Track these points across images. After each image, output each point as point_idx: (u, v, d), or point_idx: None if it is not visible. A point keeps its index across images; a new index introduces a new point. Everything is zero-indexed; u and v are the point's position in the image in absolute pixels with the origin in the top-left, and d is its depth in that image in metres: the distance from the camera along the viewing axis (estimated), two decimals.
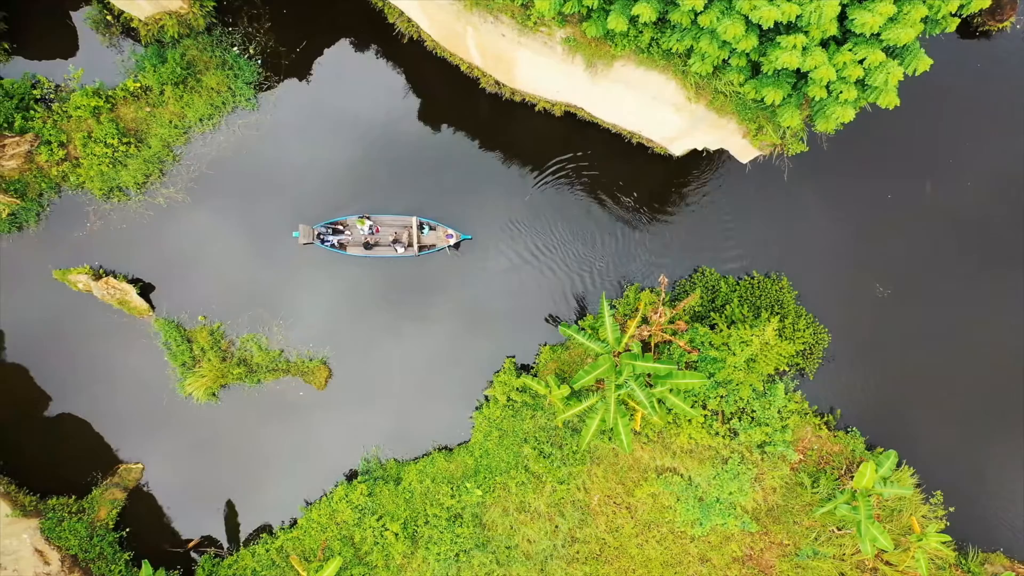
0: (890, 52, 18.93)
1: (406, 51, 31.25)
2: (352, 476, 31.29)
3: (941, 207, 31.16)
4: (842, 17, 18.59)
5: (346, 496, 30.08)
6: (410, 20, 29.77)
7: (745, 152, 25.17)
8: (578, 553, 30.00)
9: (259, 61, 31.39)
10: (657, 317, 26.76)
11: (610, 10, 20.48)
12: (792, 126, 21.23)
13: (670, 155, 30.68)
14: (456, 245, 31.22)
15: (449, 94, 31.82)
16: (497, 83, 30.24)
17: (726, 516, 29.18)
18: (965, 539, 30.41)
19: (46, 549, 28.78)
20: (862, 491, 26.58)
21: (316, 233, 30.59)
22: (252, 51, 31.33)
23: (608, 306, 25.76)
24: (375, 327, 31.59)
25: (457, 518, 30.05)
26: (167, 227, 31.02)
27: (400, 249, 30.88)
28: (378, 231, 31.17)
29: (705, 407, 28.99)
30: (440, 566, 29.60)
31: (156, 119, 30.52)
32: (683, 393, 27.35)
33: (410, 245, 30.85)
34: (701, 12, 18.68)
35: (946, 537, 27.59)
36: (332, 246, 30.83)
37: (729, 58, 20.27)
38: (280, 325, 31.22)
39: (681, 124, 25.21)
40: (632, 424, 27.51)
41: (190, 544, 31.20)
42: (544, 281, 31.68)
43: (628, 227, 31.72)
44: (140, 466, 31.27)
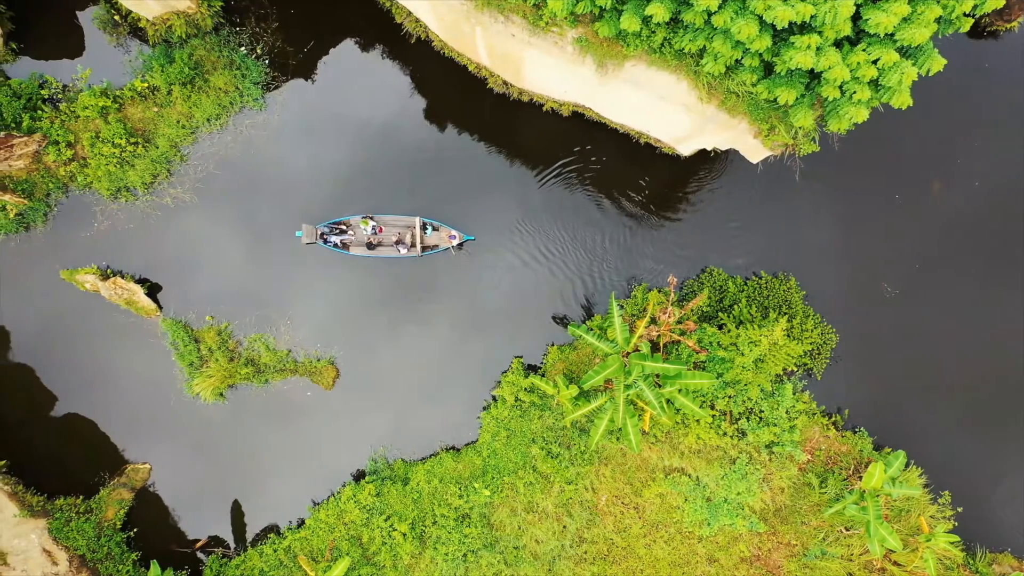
0: (904, 52, 18.90)
1: (413, 51, 31.22)
2: (360, 476, 31.26)
3: (949, 207, 31.15)
4: (855, 17, 18.57)
5: (354, 496, 30.04)
6: (418, 20, 29.73)
7: (756, 152, 25.14)
8: (586, 553, 29.99)
9: (267, 61, 31.36)
10: (666, 317, 26.72)
11: (623, 10, 20.46)
12: (804, 126, 21.22)
13: (678, 155, 30.64)
14: (459, 246, 31.18)
15: (456, 94, 31.78)
16: (505, 83, 30.18)
17: (734, 516, 29.16)
18: (973, 539, 30.40)
19: (54, 549, 28.76)
20: (871, 491, 26.56)
21: (319, 233, 30.56)
22: (259, 51, 31.30)
23: (617, 306, 25.75)
24: (381, 327, 31.54)
25: (465, 518, 30.03)
26: (174, 227, 30.99)
27: (403, 250, 30.84)
28: (381, 231, 31.12)
29: (713, 407, 28.97)
30: (448, 566, 29.58)
31: (164, 119, 30.49)
32: (692, 393, 27.31)
33: (413, 246, 30.79)
34: (715, 12, 18.66)
35: (955, 537, 27.56)
36: (335, 246, 30.79)
37: (742, 58, 20.24)
38: (288, 325, 31.19)
39: (691, 124, 25.18)
40: (641, 424, 27.52)
41: (197, 544, 31.16)
42: (550, 282, 31.62)
43: (635, 227, 31.69)
44: (147, 466, 31.24)
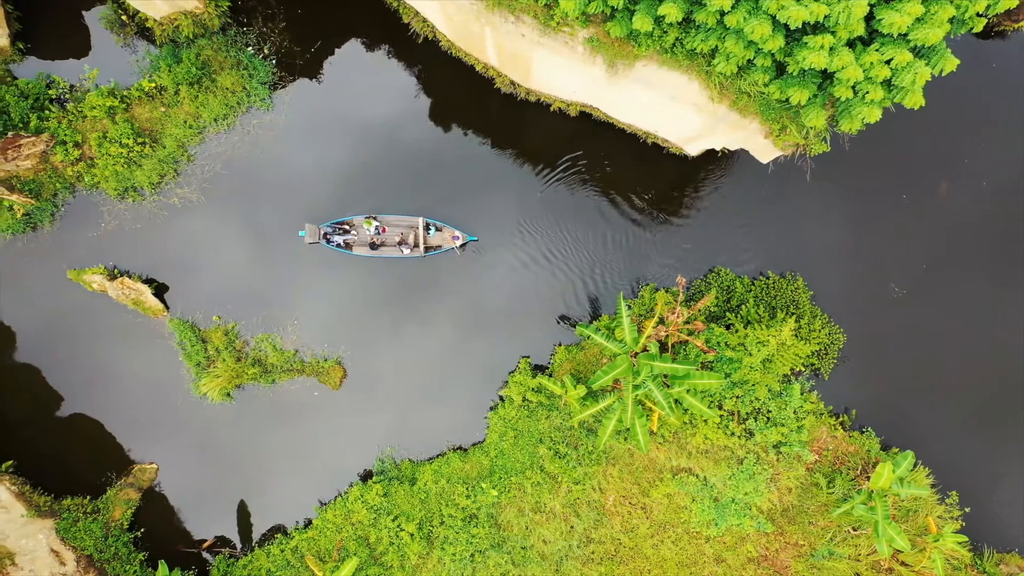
0: (917, 52, 18.91)
1: (419, 51, 31.14)
2: (367, 476, 31.24)
3: (956, 207, 31.14)
4: (868, 17, 18.56)
5: (361, 496, 30.02)
6: (425, 20, 29.70)
7: (766, 152, 25.12)
8: (593, 553, 29.98)
9: (274, 61, 31.32)
10: (674, 317, 26.72)
11: (635, 10, 20.45)
12: (816, 126, 21.22)
13: (685, 155, 30.62)
14: (462, 246, 31.16)
15: (462, 94, 31.71)
16: (512, 83, 30.14)
17: (741, 516, 29.16)
18: (980, 539, 30.39)
19: (62, 549, 28.75)
20: (879, 491, 26.57)
21: (322, 233, 30.53)
22: (267, 51, 31.27)
23: (625, 306, 25.75)
24: (387, 328, 31.50)
25: (472, 518, 30.02)
26: (181, 227, 30.96)
27: (406, 250, 30.79)
28: (384, 231, 31.11)
29: (721, 407, 28.97)
30: (455, 566, 29.58)
31: (171, 119, 30.47)
32: (700, 393, 27.32)
33: (416, 246, 30.76)
34: (728, 12, 18.65)
35: (963, 537, 27.58)
36: (338, 246, 30.76)
37: (754, 58, 20.23)
38: (294, 325, 31.17)
39: (701, 124, 25.17)
40: (649, 424, 27.52)
41: (204, 545, 31.15)
42: (555, 282, 31.57)
43: (641, 227, 31.65)
44: (154, 466, 31.22)
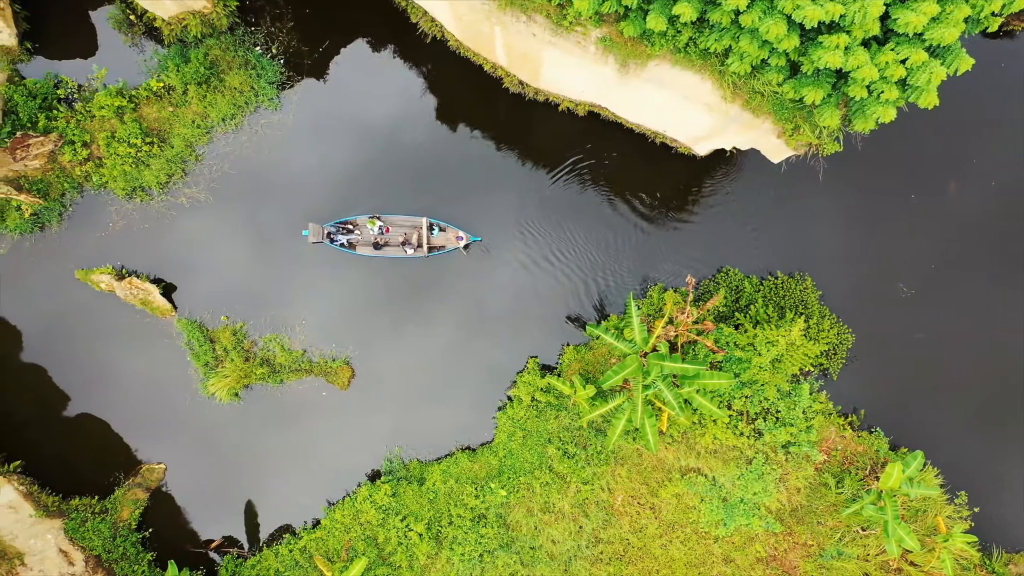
0: (932, 52, 18.89)
1: (427, 50, 31.09)
2: (375, 476, 31.22)
3: (965, 207, 31.12)
4: (884, 17, 18.54)
5: (370, 496, 29.99)
6: (433, 20, 29.64)
7: (778, 152, 25.09)
8: (602, 553, 29.95)
9: (281, 61, 31.31)
10: (684, 317, 26.69)
11: (649, 10, 20.41)
12: (830, 126, 21.19)
13: (694, 155, 30.59)
14: (467, 247, 31.12)
15: (469, 94, 31.70)
16: (521, 83, 30.10)
17: (750, 516, 29.13)
18: (989, 539, 30.39)
19: (70, 549, 28.71)
20: (888, 491, 26.55)
21: (326, 232, 30.49)
22: (274, 51, 31.25)
23: (635, 306, 25.73)
24: (393, 328, 31.47)
25: (481, 518, 29.99)
26: (189, 227, 30.93)
27: (409, 250, 30.75)
28: (388, 231, 31.07)
29: (730, 407, 28.94)
30: (464, 566, 29.54)
31: (179, 119, 30.44)
32: (709, 393, 27.30)
33: (419, 246, 30.74)
34: (743, 12, 18.61)
35: (972, 538, 27.57)
36: (341, 245, 30.72)
37: (768, 58, 20.20)
38: (302, 325, 31.14)
39: (713, 124, 25.13)
40: (659, 424, 27.48)
41: (212, 545, 31.12)
42: (563, 282, 31.55)
43: (650, 227, 31.62)
44: (162, 466, 31.19)
